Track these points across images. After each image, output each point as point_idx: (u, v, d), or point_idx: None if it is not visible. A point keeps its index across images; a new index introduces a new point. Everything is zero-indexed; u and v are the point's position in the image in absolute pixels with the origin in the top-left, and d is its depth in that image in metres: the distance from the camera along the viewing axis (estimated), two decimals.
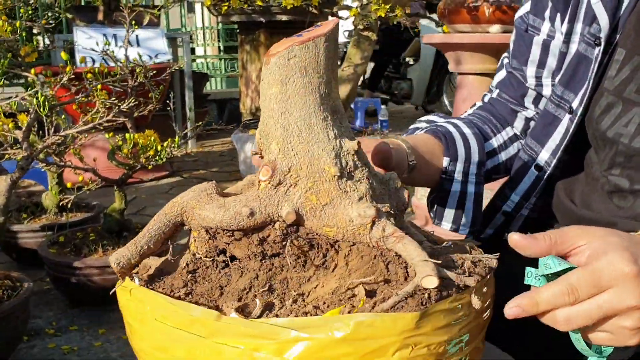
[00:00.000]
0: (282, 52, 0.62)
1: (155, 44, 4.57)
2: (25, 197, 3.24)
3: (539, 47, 1.03)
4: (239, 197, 0.64)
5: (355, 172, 0.64)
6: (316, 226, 0.63)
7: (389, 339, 0.54)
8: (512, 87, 1.10)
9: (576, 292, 0.57)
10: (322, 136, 0.63)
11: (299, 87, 0.62)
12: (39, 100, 1.71)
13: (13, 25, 2.01)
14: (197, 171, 4.83)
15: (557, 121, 0.99)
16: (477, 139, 1.03)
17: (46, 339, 2.11)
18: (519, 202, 1.05)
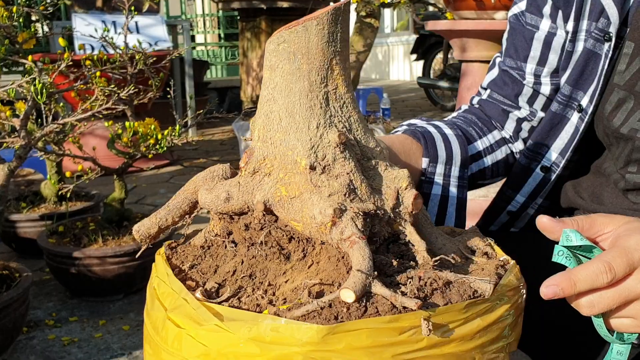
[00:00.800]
0: (273, 38, 0.60)
1: (155, 31, 4.52)
2: (25, 186, 3.21)
3: (541, 43, 1.00)
4: (226, 182, 0.64)
5: (334, 165, 0.60)
6: (285, 219, 0.61)
7: (292, 348, 0.50)
8: (505, 86, 1.05)
9: (613, 270, 0.55)
10: (302, 125, 0.60)
11: (285, 73, 0.60)
12: (36, 88, 1.67)
13: (10, 11, 1.96)
14: (198, 160, 4.80)
15: (565, 121, 0.96)
16: (459, 141, 0.97)
17: (46, 330, 2.08)
18: (525, 202, 1.03)
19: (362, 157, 0.64)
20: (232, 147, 5.23)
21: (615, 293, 0.57)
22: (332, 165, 0.60)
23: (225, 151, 5.13)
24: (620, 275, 0.56)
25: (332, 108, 0.61)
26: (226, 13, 8.21)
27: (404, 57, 11.82)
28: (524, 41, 1.02)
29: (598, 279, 0.56)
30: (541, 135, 0.99)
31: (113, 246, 2.23)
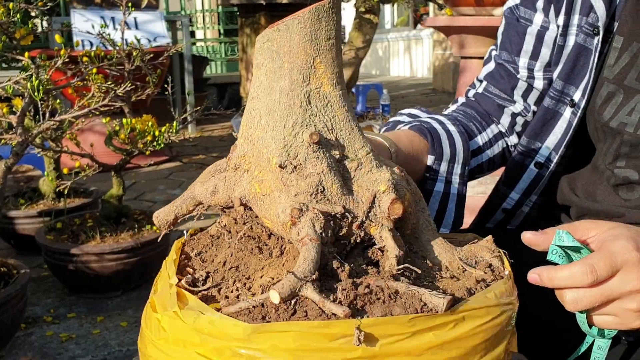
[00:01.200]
0: (259, 37, 0.60)
1: (154, 27, 4.52)
2: (24, 183, 3.21)
3: (533, 38, 1.00)
4: (218, 175, 0.66)
5: (305, 165, 0.60)
6: (260, 216, 0.62)
7: (223, 342, 0.52)
8: (501, 79, 1.05)
9: (596, 272, 0.59)
10: (278, 124, 0.61)
11: (268, 72, 0.61)
12: (33, 84, 1.67)
13: (7, 7, 1.96)
14: (197, 156, 4.79)
15: (557, 116, 0.96)
16: (462, 138, 0.99)
17: (44, 327, 2.09)
18: (519, 199, 1.03)
19: (343, 157, 0.62)
20: (232, 143, 5.20)
21: (598, 292, 0.60)
22: (303, 165, 0.60)
23: (225, 147, 5.13)
24: (603, 277, 0.60)
25: (313, 107, 0.61)
26: (226, 9, 8.19)
27: (404, 53, 11.80)
28: (517, 35, 1.02)
29: (579, 279, 0.60)
30: (534, 131, 0.99)
31: (111, 243, 2.23)
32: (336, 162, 0.62)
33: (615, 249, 0.60)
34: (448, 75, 9.02)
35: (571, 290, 0.61)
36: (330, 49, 0.61)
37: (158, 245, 2.32)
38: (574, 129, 0.94)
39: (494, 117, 1.07)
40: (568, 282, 0.60)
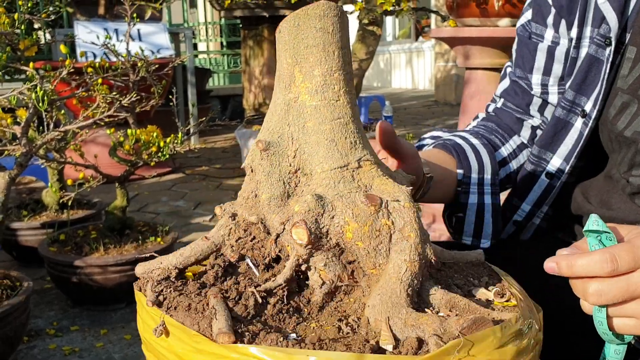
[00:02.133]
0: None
1: (157, 39, 4.52)
2: (26, 194, 3.19)
3: (544, 54, 1.02)
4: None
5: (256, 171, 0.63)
6: None
7: None
8: (517, 95, 1.08)
9: (616, 262, 0.57)
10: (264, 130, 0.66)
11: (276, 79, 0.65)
12: (37, 95, 1.66)
13: (12, 18, 1.96)
14: (200, 167, 4.78)
15: (569, 126, 0.97)
16: (487, 149, 1.02)
17: (47, 340, 2.06)
18: (531, 211, 1.03)
19: (298, 169, 0.61)
20: (235, 154, 5.22)
21: (624, 285, 0.57)
22: (255, 170, 0.62)
23: (228, 159, 5.12)
24: (623, 269, 0.57)
25: (290, 116, 0.62)
26: (228, 21, 8.22)
27: (405, 65, 11.82)
28: (529, 53, 1.04)
29: (598, 267, 0.57)
30: (545, 141, 1.00)
31: (115, 255, 2.21)
32: (286, 173, 0.61)
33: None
34: (450, 87, 9.02)
35: (596, 281, 0.58)
36: (309, 57, 0.60)
37: None
38: (585, 139, 0.94)
39: (515, 130, 1.09)
40: (587, 270, 0.57)
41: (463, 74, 3.41)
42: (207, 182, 4.29)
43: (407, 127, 6.48)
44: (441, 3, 8.28)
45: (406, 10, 3.80)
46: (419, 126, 6.65)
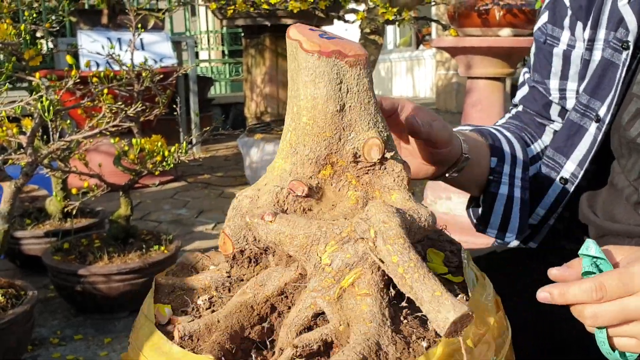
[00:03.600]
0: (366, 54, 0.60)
1: (160, 48, 4.54)
2: (29, 203, 3.20)
3: (560, 59, 1.01)
4: (408, 200, 0.62)
5: None
6: None
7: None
8: (535, 101, 1.07)
9: (604, 289, 0.59)
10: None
11: None
12: (43, 105, 1.67)
13: (17, 28, 1.97)
14: (202, 176, 4.79)
15: (582, 131, 0.95)
16: (519, 143, 1.00)
17: (50, 349, 2.07)
18: (545, 215, 1.02)
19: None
20: (236, 163, 5.22)
21: (618, 309, 0.60)
22: None
23: (230, 167, 5.13)
24: (611, 296, 0.59)
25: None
26: (230, 30, 8.25)
27: (406, 74, 11.84)
28: (545, 58, 1.03)
29: (586, 296, 0.60)
30: (559, 144, 0.99)
31: (119, 263, 2.22)
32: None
33: (635, 269, 0.60)
34: (451, 95, 9.04)
35: (591, 305, 0.61)
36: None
37: (166, 265, 2.30)
38: (599, 144, 0.93)
39: (538, 134, 1.08)
40: (577, 298, 0.60)
41: (464, 82, 3.43)
42: (209, 190, 4.29)
43: None
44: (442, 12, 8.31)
45: (407, 19, 3.81)
46: None
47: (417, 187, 3.94)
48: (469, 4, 2.85)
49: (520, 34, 2.83)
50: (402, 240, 0.53)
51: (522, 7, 2.82)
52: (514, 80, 8.20)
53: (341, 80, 0.58)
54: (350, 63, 0.58)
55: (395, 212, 0.55)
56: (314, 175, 0.61)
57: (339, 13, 4.38)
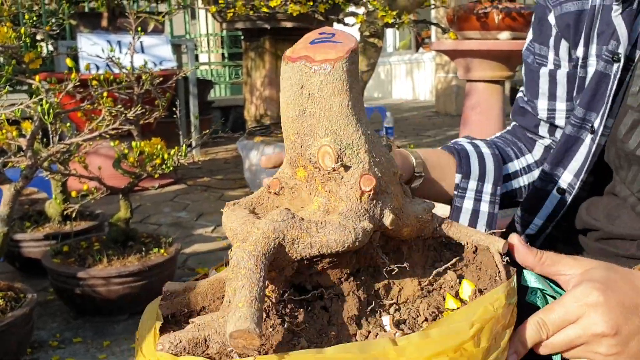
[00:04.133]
0: (346, 57, 0.58)
1: (159, 51, 4.55)
2: (28, 205, 3.20)
3: (547, 79, 1.03)
4: (346, 214, 0.57)
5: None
6: (399, 229, 0.62)
7: (511, 306, 0.60)
8: (525, 119, 1.10)
9: (546, 326, 0.63)
10: (379, 140, 0.62)
11: (358, 93, 0.60)
12: (43, 108, 1.67)
13: (18, 31, 1.98)
14: (202, 179, 4.79)
15: (579, 142, 0.96)
16: (494, 159, 1.02)
17: (50, 352, 2.07)
18: (543, 225, 1.03)
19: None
20: (236, 165, 5.23)
21: (564, 337, 0.64)
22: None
23: (229, 170, 5.13)
24: (554, 330, 0.63)
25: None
26: (230, 33, 8.26)
27: (406, 76, 11.86)
28: (533, 78, 1.05)
29: (537, 335, 0.64)
30: (557, 158, 1.00)
31: (118, 266, 2.22)
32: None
33: (570, 298, 0.64)
34: (451, 98, 9.05)
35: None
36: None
37: (165, 268, 2.31)
38: (594, 155, 0.94)
39: (529, 148, 1.10)
40: (533, 342, 0.64)
41: (463, 85, 3.44)
42: (208, 193, 4.30)
43: (407, 138, 6.50)
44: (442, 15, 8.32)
45: (407, 22, 3.82)
46: (420, 137, 6.67)
47: None
48: (468, 7, 2.85)
49: (519, 37, 2.84)
50: (250, 263, 0.52)
51: (521, 10, 2.83)
52: (513, 83, 8.21)
53: (302, 86, 0.58)
54: (315, 69, 0.57)
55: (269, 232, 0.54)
56: (293, 175, 0.62)
57: (338, 16, 4.39)
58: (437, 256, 0.66)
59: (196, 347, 0.53)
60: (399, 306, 0.62)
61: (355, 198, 0.58)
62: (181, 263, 2.84)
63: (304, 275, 0.58)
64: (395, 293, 0.63)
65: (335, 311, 0.58)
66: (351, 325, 0.57)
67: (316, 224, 0.56)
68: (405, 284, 0.63)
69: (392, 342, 0.52)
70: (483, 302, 0.58)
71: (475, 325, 0.55)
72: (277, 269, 0.57)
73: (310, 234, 0.55)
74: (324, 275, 0.59)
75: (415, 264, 0.65)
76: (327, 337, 0.56)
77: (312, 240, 0.55)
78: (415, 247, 0.65)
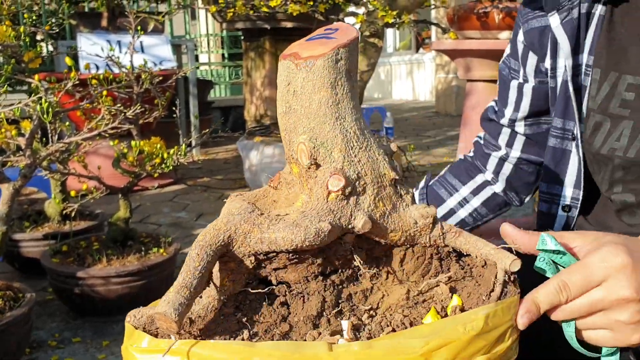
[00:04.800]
0: (329, 54, 0.57)
1: (159, 51, 4.55)
2: (28, 205, 3.20)
3: (515, 91, 1.07)
4: (308, 213, 0.57)
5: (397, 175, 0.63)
6: (383, 233, 0.60)
7: (506, 325, 0.56)
8: (490, 126, 1.14)
9: (567, 288, 0.58)
10: (372, 141, 0.61)
11: (347, 90, 0.59)
12: (42, 107, 1.67)
13: (17, 30, 1.97)
14: (202, 179, 4.79)
15: (567, 154, 0.99)
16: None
17: (49, 352, 2.06)
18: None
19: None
20: (236, 165, 5.22)
21: (585, 301, 0.59)
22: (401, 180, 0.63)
23: (229, 170, 5.13)
24: (576, 293, 0.59)
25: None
26: (230, 33, 8.26)
27: (406, 77, 11.85)
28: (505, 89, 1.10)
29: (554, 298, 0.59)
30: (549, 175, 1.02)
31: (117, 266, 2.21)
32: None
33: (595, 259, 0.59)
34: (451, 98, 9.04)
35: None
36: None
37: (164, 268, 2.30)
38: (584, 161, 0.96)
39: (482, 166, 1.15)
40: (550, 303, 0.59)
41: (464, 85, 3.43)
42: (208, 193, 4.29)
43: (408, 138, 6.49)
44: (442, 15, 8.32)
45: (407, 22, 3.82)
46: (420, 137, 6.67)
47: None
48: (469, 7, 2.85)
49: None
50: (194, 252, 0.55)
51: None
52: None
53: (289, 82, 0.58)
54: (298, 65, 0.57)
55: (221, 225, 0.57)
56: (291, 171, 0.63)
57: (338, 16, 4.38)
58: (440, 266, 0.63)
59: (151, 323, 0.57)
60: (375, 313, 0.59)
61: (322, 197, 0.58)
62: (180, 263, 2.83)
63: (267, 269, 0.58)
64: (377, 299, 0.60)
65: (294, 309, 0.58)
66: (306, 325, 0.57)
67: (270, 220, 0.56)
68: (393, 291, 0.61)
69: (328, 347, 0.50)
70: (454, 322, 0.53)
71: (429, 345, 0.51)
72: (236, 261, 0.57)
73: (261, 230, 0.56)
74: (289, 272, 0.58)
75: (410, 271, 0.62)
76: (272, 333, 0.56)
77: (262, 236, 0.56)
78: (412, 254, 0.62)
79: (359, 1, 4.30)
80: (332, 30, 0.63)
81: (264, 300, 0.59)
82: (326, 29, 0.63)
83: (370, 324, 0.57)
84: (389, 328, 0.55)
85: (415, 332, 0.52)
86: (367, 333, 0.55)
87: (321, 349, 0.50)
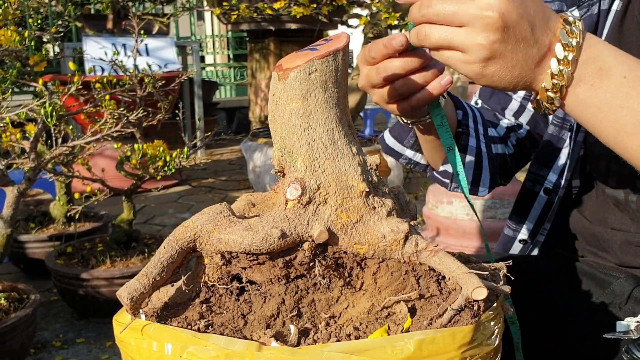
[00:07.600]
0: (302, 66, 0.59)
1: (164, 53, 4.57)
2: (34, 206, 3.22)
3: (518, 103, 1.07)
4: (265, 219, 0.59)
5: (379, 187, 0.63)
6: (347, 244, 0.60)
7: (449, 354, 0.53)
8: (493, 100, 1.11)
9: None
10: (346, 151, 0.62)
11: (320, 101, 0.60)
12: (46, 110, 1.69)
13: (22, 35, 1.99)
14: (206, 180, 4.81)
15: (562, 142, 0.99)
16: (476, 108, 1.05)
17: (53, 352, 2.08)
18: (534, 229, 1.05)
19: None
20: (240, 167, 5.25)
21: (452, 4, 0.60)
22: (378, 187, 0.62)
23: (234, 171, 5.15)
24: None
25: (352, 133, 0.64)
26: (235, 34, 8.29)
27: None
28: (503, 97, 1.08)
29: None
30: (542, 158, 1.02)
31: (121, 267, 2.24)
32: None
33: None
34: None
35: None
36: (347, 79, 0.63)
37: None
38: (573, 152, 0.96)
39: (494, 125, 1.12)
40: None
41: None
42: (213, 194, 4.31)
43: None
44: None
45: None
46: None
47: (420, 192, 3.95)
48: None
49: None
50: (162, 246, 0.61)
51: None
52: None
53: (274, 93, 0.62)
54: (280, 76, 0.61)
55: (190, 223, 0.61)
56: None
57: (342, 18, 4.40)
58: (417, 284, 0.61)
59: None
60: (335, 322, 0.60)
61: (282, 204, 0.60)
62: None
63: (237, 267, 0.61)
64: (341, 309, 0.61)
65: (255, 307, 0.60)
66: (259, 324, 0.59)
67: (230, 222, 0.59)
68: (359, 303, 0.61)
69: (257, 347, 0.52)
70: (384, 342, 0.52)
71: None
72: (208, 257, 0.61)
73: (220, 231, 0.59)
74: (255, 272, 0.60)
75: (383, 286, 0.61)
76: (226, 327, 0.59)
77: (220, 236, 0.59)
78: (387, 268, 0.61)
79: (362, 3, 4.32)
80: (325, 41, 0.65)
81: (232, 296, 0.62)
82: (324, 39, 0.65)
83: (320, 332, 0.58)
84: (334, 338, 0.56)
85: (344, 346, 0.52)
86: (312, 340, 0.57)
87: (250, 348, 0.52)
